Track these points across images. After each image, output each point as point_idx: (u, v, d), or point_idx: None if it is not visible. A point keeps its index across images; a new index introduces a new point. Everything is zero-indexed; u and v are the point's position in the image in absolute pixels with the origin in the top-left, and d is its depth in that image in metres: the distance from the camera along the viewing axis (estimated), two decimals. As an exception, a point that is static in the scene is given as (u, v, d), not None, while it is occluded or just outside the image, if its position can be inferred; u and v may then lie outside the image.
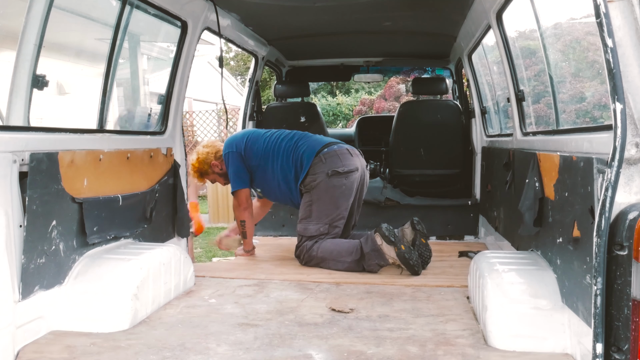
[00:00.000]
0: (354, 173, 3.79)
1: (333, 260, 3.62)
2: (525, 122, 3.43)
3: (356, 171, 3.80)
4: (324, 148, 3.82)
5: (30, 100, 2.51)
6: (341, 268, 3.58)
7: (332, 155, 3.79)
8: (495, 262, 2.52)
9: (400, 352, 2.17)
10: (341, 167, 3.75)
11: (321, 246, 3.67)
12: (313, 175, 3.77)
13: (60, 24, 2.92)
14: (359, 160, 3.88)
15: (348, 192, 3.77)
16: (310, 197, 3.79)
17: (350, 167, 3.78)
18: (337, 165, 3.76)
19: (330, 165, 3.76)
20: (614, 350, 1.69)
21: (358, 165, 3.84)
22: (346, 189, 3.76)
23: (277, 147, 3.91)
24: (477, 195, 4.93)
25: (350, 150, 3.88)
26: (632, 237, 1.64)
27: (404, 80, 16.67)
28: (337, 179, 3.74)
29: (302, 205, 3.86)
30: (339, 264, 3.59)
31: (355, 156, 3.87)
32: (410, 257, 3.40)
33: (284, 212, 4.90)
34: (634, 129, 1.72)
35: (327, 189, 3.74)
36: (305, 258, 3.73)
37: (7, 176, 2.10)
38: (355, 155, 3.88)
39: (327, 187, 3.74)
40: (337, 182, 3.75)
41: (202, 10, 3.66)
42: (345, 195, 3.77)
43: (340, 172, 3.74)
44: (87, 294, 2.45)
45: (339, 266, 3.59)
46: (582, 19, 5.78)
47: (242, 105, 5.40)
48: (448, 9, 4.06)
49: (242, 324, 2.52)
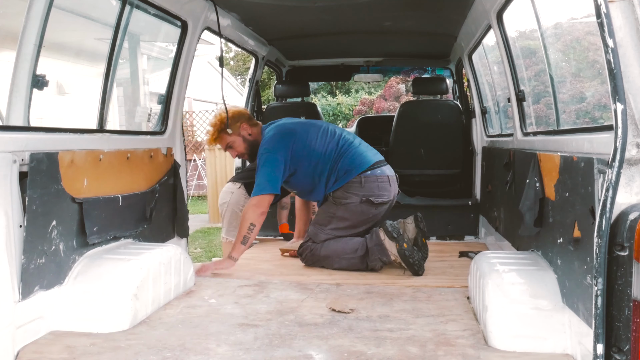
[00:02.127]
0: (386, 204, 3.68)
1: (337, 257, 3.58)
2: (526, 122, 3.43)
3: (388, 202, 3.68)
4: (368, 170, 3.63)
5: (30, 100, 2.51)
6: (345, 265, 3.55)
7: (372, 182, 3.62)
8: (496, 263, 2.52)
9: (401, 352, 2.16)
10: (376, 198, 3.61)
11: (324, 245, 3.63)
12: (346, 192, 3.62)
13: (60, 23, 2.91)
14: (394, 189, 3.73)
15: (372, 220, 3.68)
16: (335, 211, 3.65)
17: (385, 198, 3.65)
18: (374, 194, 3.61)
19: (367, 191, 3.60)
20: (614, 350, 1.69)
21: (392, 197, 3.70)
22: (373, 217, 3.66)
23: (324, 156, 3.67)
24: (477, 196, 4.92)
25: (390, 178, 3.70)
26: (633, 237, 1.64)
27: (404, 80, 16.67)
28: (368, 207, 3.62)
29: (322, 211, 3.74)
30: (343, 260, 3.56)
31: (392, 184, 3.71)
32: (411, 255, 3.40)
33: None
34: (635, 130, 1.72)
35: (354, 213, 3.62)
36: (308, 257, 3.69)
37: (7, 176, 2.10)
38: (393, 183, 3.72)
39: (355, 211, 3.62)
40: (367, 210, 3.62)
41: (202, 10, 3.66)
42: (368, 223, 3.68)
43: (373, 202, 3.61)
44: (87, 294, 2.44)
45: (343, 263, 3.56)
46: (582, 18, 5.78)
47: (242, 105, 5.40)
48: (448, 9, 4.06)
49: (242, 324, 2.52)
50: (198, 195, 13.83)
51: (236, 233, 4.18)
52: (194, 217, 9.05)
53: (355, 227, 3.66)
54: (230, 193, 4.42)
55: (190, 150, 14.26)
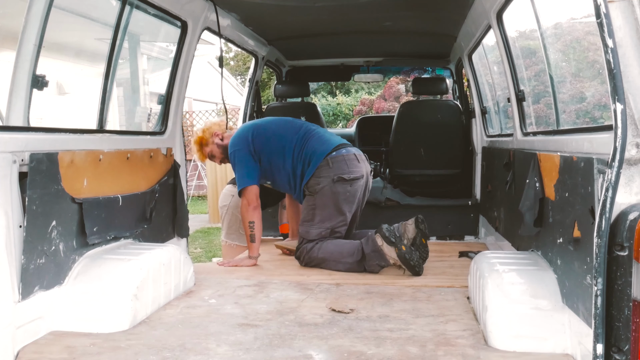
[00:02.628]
0: (359, 180, 3.73)
1: (334, 261, 3.60)
2: (526, 122, 3.43)
3: (361, 178, 3.74)
4: (333, 151, 3.72)
5: (30, 100, 2.51)
6: (342, 269, 3.57)
7: (340, 160, 3.69)
8: (496, 263, 2.52)
9: (401, 352, 2.16)
10: (347, 174, 3.67)
11: (322, 247, 3.65)
12: (317, 178, 3.69)
13: (60, 23, 2.92)
14: (365, 166, 3.81)
15: (352, 199, 3.72)
16: (314, 201, 3.72)
17: (356, 174, 3.71)
18: (344, 171, 3.67)
19: (337, 170, 3.66)
20: (614, 350, 1.69)
21: (364, 172, 3.77)
22: (350, 195, 3.70)
23: (286, 141, 3.79)
24: (477, 196, 4.92)
25: (358, 156, 3.79)
26: (633, 237, 1.64)
27: (404, 80, 16.66)
28: (342, 185, 3.67)
29: (304, 207, 3.80)
30: (340, 264, 3.58)
31: (361, 162, 3.79)
32: (410, 257, 3.40)
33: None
34: (635, 130, 1.72)
35: (331, 195, 3.67)
36: (306, 259, 3.70)
37: (6, 176, 2.10)
38: (362, 161, 3.80)
39: (331, 193, 3.66)
40: (342, 188, 3.67)
41: (202, 10, 3.66)
42: (349, 202, 3.71)
43: (346, 179, 3.66)
44: (87, 295, 2.44)
45: (340, 267, 3.58)
46: (582, 18, 5.78)
47: (242, 105, 5.40)
48: (448, 9, 4.06)
49: (242, 324, 2.52)
50: (198, 195, 13.84)
51: (235, 236, 4.23)
52: (193, 217, 9.04)
53: (340, 210, 3.69)
54: (230, 196, 4.43)
55: (190, 151, 14.24)
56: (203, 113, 15.64)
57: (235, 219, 4.36)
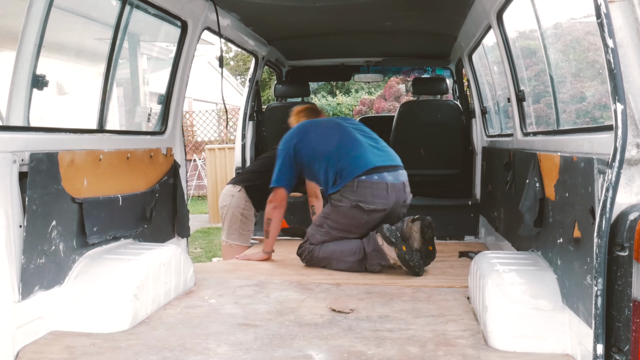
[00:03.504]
0: (378, 212, 3.56)
1: (335, 259, 3.60)
2: (526, 122, 3.43)
3: (381, 211, 3.57)
4: (363, 175, 3.55)
5: (30, 100, 2.51)
6: (343, 267, 3.57)
7: (366, 187, 3.53)
8: (496, 263, 2.52)
9: (401, 352, 2.16)
10: (366, 204, 3.52)
11: (323, 247, 3.66)
12: (341, 196, 3.59)
13: (60, 23, 2.92)
14: (393, 197, 3.59)
15: (365, 226, 3.61)
16: (330, 213, 3.67)
17: (377, 205, 3.54)
18: (365, 200, 3.52)
19: (359, 196, 3.53)
20: (614, 351, 1.69)
21: (388, 205, 3.58)
22: (365, 223, 3.60)
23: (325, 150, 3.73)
24: (477, 196, 4.92)
25: (390, 186, 3.57)
26: (633, 237, 1.64)
27: (404, 80, 16.66)
28: (359, 212, 3.55)
29: (322, 211, 3.87)
30: (341, 263, 3.58)
31: (391, 192, 3.58)
32: (410, 258, 3.40)
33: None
34: (635, 130, 1.72)
35: (346, 217, 3.59)
36: (307, 258, 3.71)
37: (7, 176, 2.10)
38: (393, 191, 3.58)
39: (347, 215, 3.58)
40: (358, 215, 3.56)
41: (202, 10, 3.66)
42: (361, 228, 3.62)
43: (364, 209, 3.54)
44: (87, 294, 2.44)
45: (341, 265, 3.58)
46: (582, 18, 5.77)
47: (242, 105, 5.40)
48: (448, 9, 4.06)
49: (242, 324, 2.52)
50: (198, 195, 13.83)
51: (236, 236, 4.25)
52: (194, 217, 9.02)
53: (349, 231, 3.66)
54: (230, 196, 4.42)
55: (190, 150, 14.26)
56: (203, 113, 15.64)
57: (236, 219, 4.36)
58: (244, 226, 4.40)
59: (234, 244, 4.37)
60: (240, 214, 4.36)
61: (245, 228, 4.42)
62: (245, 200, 4.38)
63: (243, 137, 5.29)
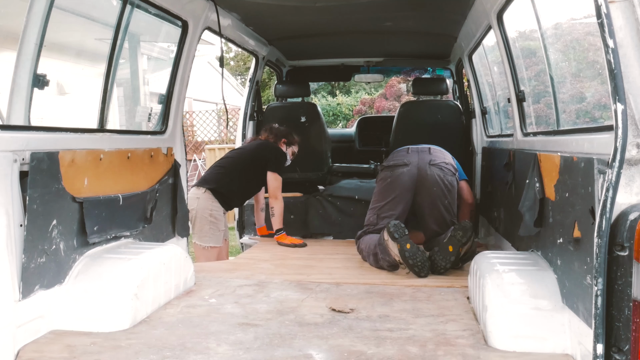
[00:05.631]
0: (400, 167, 3.98)
1: (366, 253, 3.76)
2: (526, 123, 3.43)
3: (403, 166, 3.98)
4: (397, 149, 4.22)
5: (31, 99, 2.51)
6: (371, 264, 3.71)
7: (392, 153, 4.18)
8: (496, 263, 2.52)
9: (401, 352, 2.16)
10: (388, 162, 4.08)
11: (363, 240, 3.86)
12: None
13: (60, 24, 2.92)
14: (414, 157, 4.00)
15: (394, 185, 3.96)
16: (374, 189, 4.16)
17: (397, 161, 4.01)
18: (387, 161, 4.11)
19: (385, 162, 4.14)
20: (614, 351, 1.69)
21: (408, 161, 3.99)
22: (391, 181, 3.96)
23: None
24: (477, 196, 4.92)
25: (412, 150, 4.08)
26: (633, 237, 1.64)
27: (405, 80, 16.65)
28: (384, 172, 4.07)
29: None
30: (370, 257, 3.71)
31: (412, 153, 4.04)
32: (411, 256, 3.38)
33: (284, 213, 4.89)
34: (635, 130, 1.72)
35: (378, 182, 4.09)
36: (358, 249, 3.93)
37: (7, 175, 2.10)
38: (414, 153, 4.04)
39: (378, 180, 4.10)
40: (384, 175, 4.05)
41: (203, 10, 3.66)
42: (391, 187, 3.96)
43: (385, 166, 4.07)
44: (88, 294, 2.45)
45: (370, 260, 3.71)
46: (582, 19, 5.77)
47: (242, 105, 5.41)
48: (448, 9, 4.06)
49: (243, 323, 2.52)
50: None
51: (208, 237, 4.28)
52: (194, 217, 9.00)
53: (384, 197, 3.96)
54: (196, 199, 4.28)
55: (190, 150, 14.25)
56: (203, 113, 15.64)
57: (206, 221, 4.25)
58: (214, 227, 4.28)
59: (208, 246, 4.29)
60: (209, 215, 4.25)
61: (216, 228, 4.29)
62: (212, 200, 4.29)
63: (243, 137, 5.30)
